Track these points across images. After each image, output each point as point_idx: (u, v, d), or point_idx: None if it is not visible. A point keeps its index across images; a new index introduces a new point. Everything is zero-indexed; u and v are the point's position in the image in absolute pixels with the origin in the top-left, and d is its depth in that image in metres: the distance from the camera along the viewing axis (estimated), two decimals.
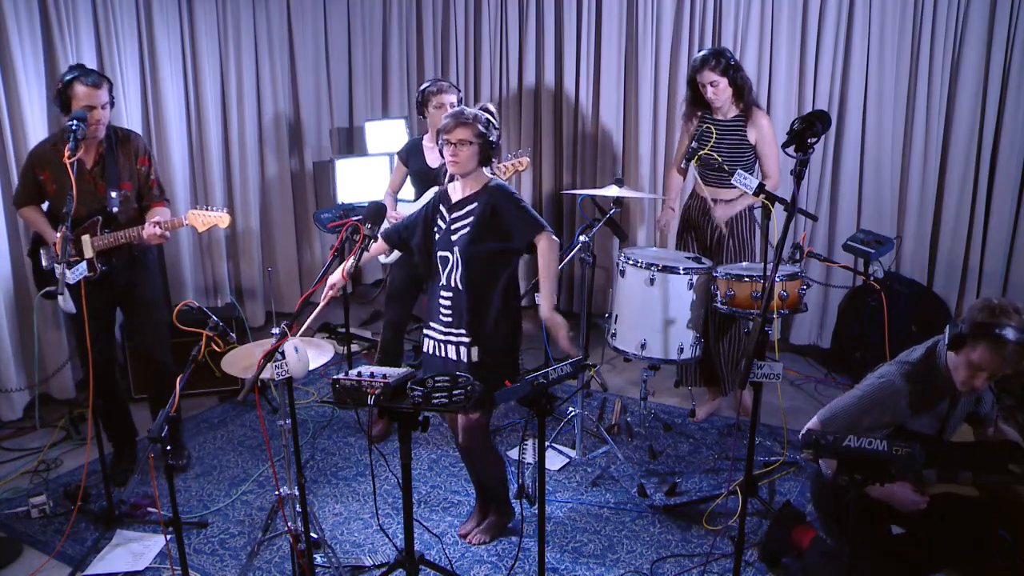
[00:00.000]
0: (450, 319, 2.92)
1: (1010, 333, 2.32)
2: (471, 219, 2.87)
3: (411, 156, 4.02)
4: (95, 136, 3.31)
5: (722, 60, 3.65)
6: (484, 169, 2.93)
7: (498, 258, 2.88)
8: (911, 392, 2.54)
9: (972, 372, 2.43)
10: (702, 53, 3.73)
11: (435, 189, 3.88)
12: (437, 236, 2.94)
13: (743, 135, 3.75)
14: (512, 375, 2.69)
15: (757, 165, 3.85)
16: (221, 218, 3.52)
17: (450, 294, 2.91)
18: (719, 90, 3.69)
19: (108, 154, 3.36)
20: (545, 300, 2.90)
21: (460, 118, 2.82)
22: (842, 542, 2.58)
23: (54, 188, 3.33)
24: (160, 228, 3.35)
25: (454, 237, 2.88)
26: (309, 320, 2.76)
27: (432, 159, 3.95)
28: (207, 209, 3.53)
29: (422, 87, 3.96)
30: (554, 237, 2.86)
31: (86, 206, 3.35)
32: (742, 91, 3.72)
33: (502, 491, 3.17)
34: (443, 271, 2.93)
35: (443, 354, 2.95)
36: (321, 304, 2.75)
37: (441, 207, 2.96)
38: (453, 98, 3.90)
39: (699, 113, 3.86)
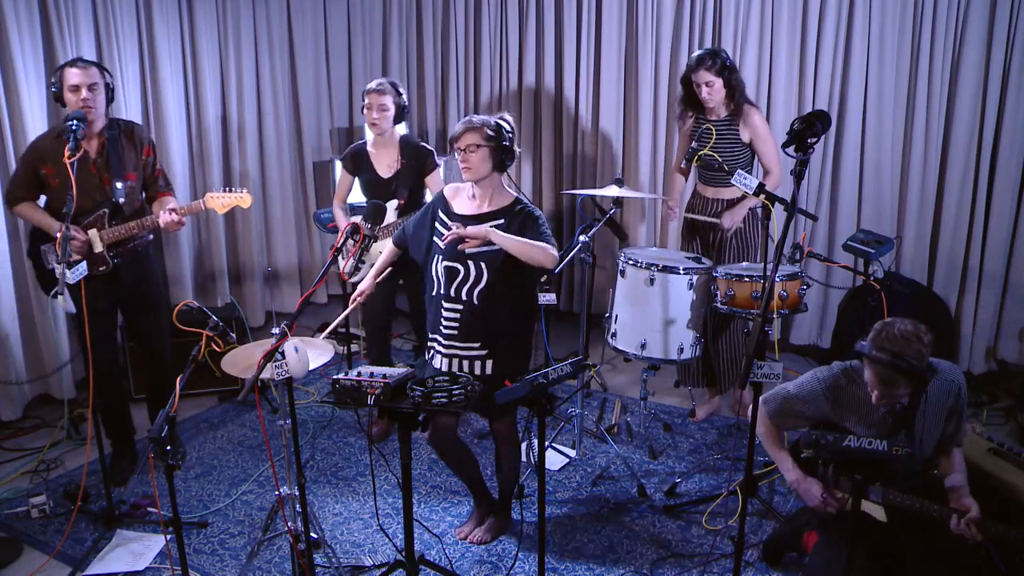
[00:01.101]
0: (457, 332, 2.85)
1: (880, 355, 2.37)
2: None
3: (358, 165, 3.87)
4: (92, 121, 3.21)
5: (718, 60, 3.64)
6: (503, 180, 2.88)
7: (520, 274, 2.82)
8: (836, 393, 2.64)
9: (870, 386, 2.50)
10: (697, 53, 3.72)
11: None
12: (443, 245, 2.84)
13: (736, 134, 3.75)
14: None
15: (756, 162, 3.85)
16: (242, 198, 3.43)
17: (459, 306, 2.83)
18: (714, 90, 3.68)
19: (112, 145, 3.28)
20: (494, 231, 2.74)
21: (467, 124, 2.77)
22: (836, 544, 2.57)
23: (57, 183, 3.22)
24: (176, 215, 3.28)
25: (474, 250, 2.78)
26: (337, 321, 3.03)
27: (383, 169, 3.81)
28: (225, 190, 3.44)
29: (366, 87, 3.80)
30: (553, 252, 2.78)
31: (91, 199, 3.27)
32: (735, 91, 3.72)
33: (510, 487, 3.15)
34: (448, 282, 2.84)
35: (455, 369, 2.87)
36: (349, 308, 2.99)
37: (441, 214, 2.90)
38: (387, 100, 3.70)
39: (691, 114, 3.86)
